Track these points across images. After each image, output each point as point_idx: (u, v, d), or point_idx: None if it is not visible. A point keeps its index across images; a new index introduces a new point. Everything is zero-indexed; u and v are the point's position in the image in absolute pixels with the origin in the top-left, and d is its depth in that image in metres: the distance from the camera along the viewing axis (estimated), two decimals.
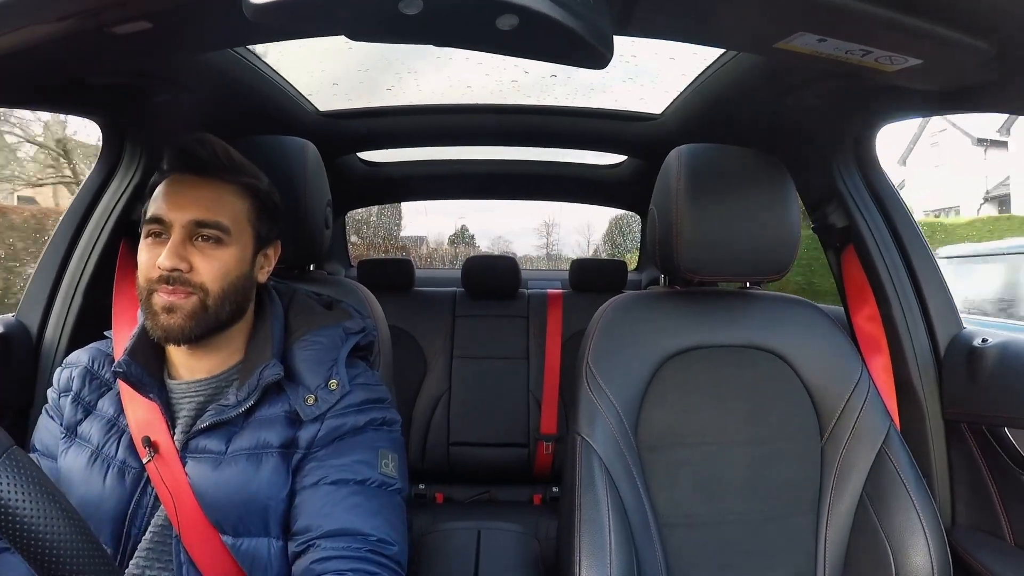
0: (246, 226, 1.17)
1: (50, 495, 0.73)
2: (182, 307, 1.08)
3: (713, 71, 1.74)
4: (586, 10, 0.78)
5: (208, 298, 1.10)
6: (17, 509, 0.70)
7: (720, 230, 1.38)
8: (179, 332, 1.09)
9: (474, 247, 15.09)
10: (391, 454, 1.16)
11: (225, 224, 1.12)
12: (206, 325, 1.11)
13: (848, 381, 1.42)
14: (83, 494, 1.10)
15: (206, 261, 1.10)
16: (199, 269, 1.10)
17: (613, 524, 1.24)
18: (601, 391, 1.35)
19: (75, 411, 1.18)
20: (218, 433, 1.12)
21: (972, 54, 0.97)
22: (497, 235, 15.55)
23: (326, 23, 0.91)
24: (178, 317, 1.08)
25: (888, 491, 1.34)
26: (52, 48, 0.99)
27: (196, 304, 1.09)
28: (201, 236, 1.11)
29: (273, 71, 1.82)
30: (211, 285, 1.10)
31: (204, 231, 1.11)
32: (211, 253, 1.11)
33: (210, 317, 1.11)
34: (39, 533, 0.70)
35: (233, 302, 1.15)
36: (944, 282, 1.59)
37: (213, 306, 1.11)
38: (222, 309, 1.13)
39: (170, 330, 1.09)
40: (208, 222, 1.11)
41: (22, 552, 0.71)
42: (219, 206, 1.13)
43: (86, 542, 0.74)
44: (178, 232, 1.09)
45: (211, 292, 1.10)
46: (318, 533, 1.05)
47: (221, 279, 1.12)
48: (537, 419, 2.73)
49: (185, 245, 1.10)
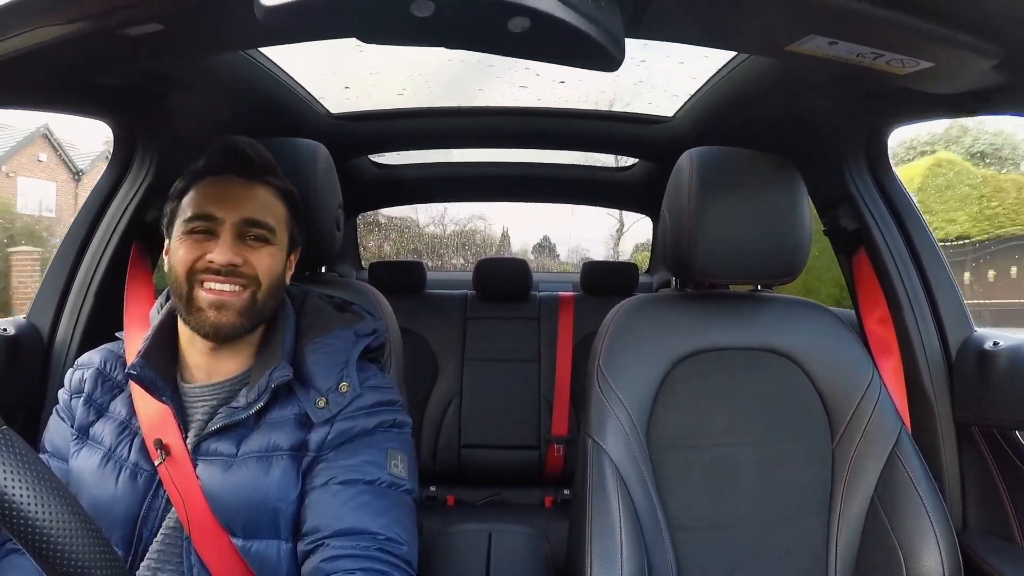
0: (284, 229, 1.21)
1: (41, 475, 0.72)
2: (232, 304, 1.11)
3: (725, 74, 1.74)
4: (597, 12, 0.78)
5: (259, 291, 1.14)
6: (22, 505, 0.70)
7: (732, 233, 1.38)
8: (230, 328, 1.12)
9: (555, 256, 14.88)
10: (400, 455, 1.16)
11: (272, 225, 1.17)
12: (254, 320, 1.15)
13: (859, 384, 1.41)
14: (95, 496, 1.10)
15: (257, 257, 1.14)
16: (252, 263, 1.13)
17: (624, 527, 1.24)
18: (612, 393, 1.35)
19: (87, 413, 1.18)
20: (229, 436, 1.12)
21: (983, 57, 0.96)
22: (575, 244, 15.15)
23: (337, 25, 0.91)
24: (230, 314, 1.11)
25: (899, 494, 1.33)
26: (63, 50, 1.00)
27: (248, 298, 1.13)
28: (250, 235, 1.14)
29: (285, 73, 1.83)
30: (264, 278, 1.14)
31: (254, 230, 1.15)
32: (260, 250, 1.15)
33: (257, 312, 1.15)
34: (44, 528, 0.71)
35: (275, 299, 1.19)
36: (955, 285, 1.58)
37: (262, 300, 1.15)
38: (266, 305, 1.16)
39: (220, 327, 1.11)
40: (259, 222, 1.15)
41: (11, 533, 0.71)
42: (266, 207, 1.17)
43: (92, 538, 0.74)
44: (230, 229, 1.12)
45: (263, 285, 1.14)
46: (327, 532, 1.05)
47: (270, 275, 1.16)
48: (548, 421, 2.73)
49: (237, 242, 1.13)
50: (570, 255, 14.57)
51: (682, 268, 1.44)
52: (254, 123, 1.89)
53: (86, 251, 1.63)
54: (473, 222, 13.57)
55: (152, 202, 1.61)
